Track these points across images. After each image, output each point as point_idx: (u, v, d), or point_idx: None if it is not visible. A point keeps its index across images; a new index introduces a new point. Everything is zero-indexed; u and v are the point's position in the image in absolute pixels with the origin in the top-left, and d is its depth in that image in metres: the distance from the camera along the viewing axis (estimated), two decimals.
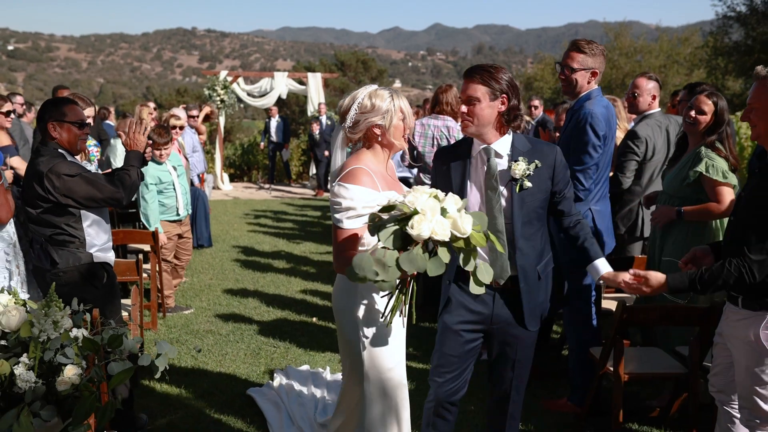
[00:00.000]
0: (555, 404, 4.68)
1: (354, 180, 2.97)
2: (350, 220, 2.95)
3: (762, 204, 2.89)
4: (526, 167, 3.13)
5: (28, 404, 2.82)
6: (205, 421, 4.42)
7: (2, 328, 2.94)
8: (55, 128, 3.88)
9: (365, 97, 3.04)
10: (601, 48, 4.41)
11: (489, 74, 3.11)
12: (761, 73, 2.97)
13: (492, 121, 3.14)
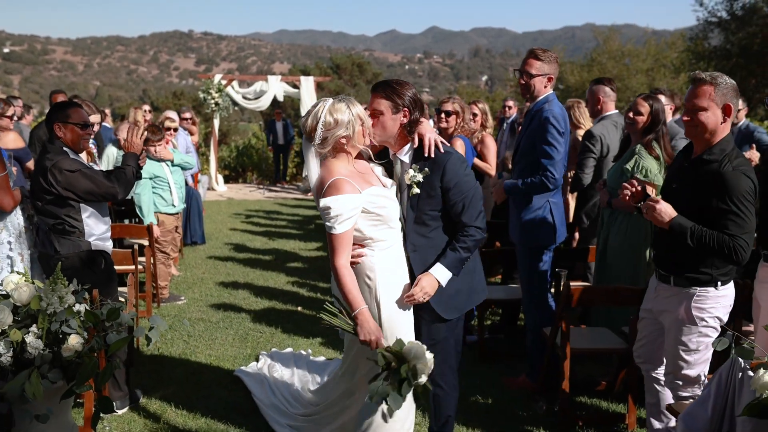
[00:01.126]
0: (514, 381, 5.13)
1: (337, 191, 3.35)
2: (341, 225, 3.36)
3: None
4: (413, 174, 3.53)
5: (37, 367, 3.25)
6: (195, 395, 4.85)
7: (14, 302, 3.36)
8: (60, 128, 4.32)
9: (327, 114, 3.37)
10: (556, 56, 4.90)
11: (392, 90, 3.52)
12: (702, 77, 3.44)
13: (395, 133, 3.56)
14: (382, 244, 3.50)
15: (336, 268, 3.38)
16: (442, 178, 3.52)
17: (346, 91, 48.19)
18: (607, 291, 4.49)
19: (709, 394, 3.07)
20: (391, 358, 3.26)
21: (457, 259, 3.53)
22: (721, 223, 3.35)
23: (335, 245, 3.38)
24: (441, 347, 3.66)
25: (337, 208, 3.32)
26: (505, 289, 6.29)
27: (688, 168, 3.58)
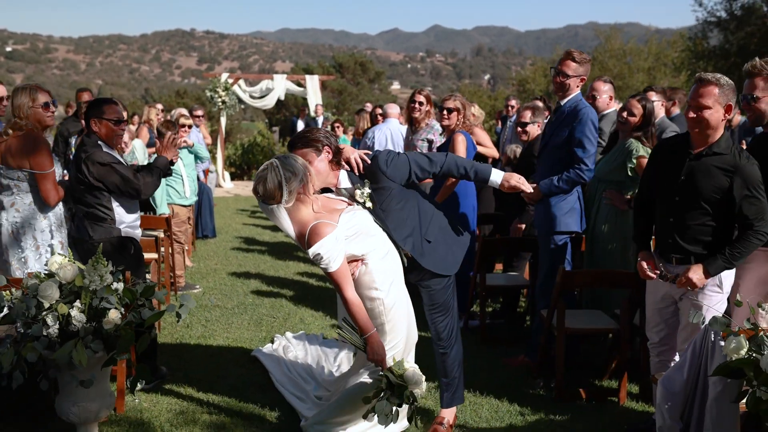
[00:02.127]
0: (514, 361, 5.48)
1: (319, 237, 3.66)
2: (335, 262, 3.69)
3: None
4: (361, 192, 3.94)
5: (81, 338, 3.60)
6: (215, 373, 5.20)
7: (60, 280, 3.70)
8: (95, 123, 4.68)
9: (283, 172, 3.59)
10: (589, 58, 5.28)
11: (307, 138, 3.93)
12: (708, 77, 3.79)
13: (328, 171, 3.95)
14: (374, 254, 3.87)
15: (345, 300, 3.74)
16: (383, 178, 3.93)
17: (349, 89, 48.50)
18: (597, 274, 4.84)
19: (685, 360, 3.42)
20: (395, 381, 3.65)
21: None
22: (743, 208, 3.73)
23: (338, 280, 3.72)
24: (442, 310, 4.16)
25: (326, 251, 3.64)
26: (506, 277, 6.65)
27: (694, 161, 3.89)
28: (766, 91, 4.04)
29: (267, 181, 3.60)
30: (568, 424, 4.48)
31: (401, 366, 3.66)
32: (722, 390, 3.19)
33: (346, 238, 3.75)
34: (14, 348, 3.61)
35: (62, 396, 3.84)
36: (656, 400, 3.58)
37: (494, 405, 4.74)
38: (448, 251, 4.15)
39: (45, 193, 4.79)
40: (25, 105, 4.80)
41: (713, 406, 3.24)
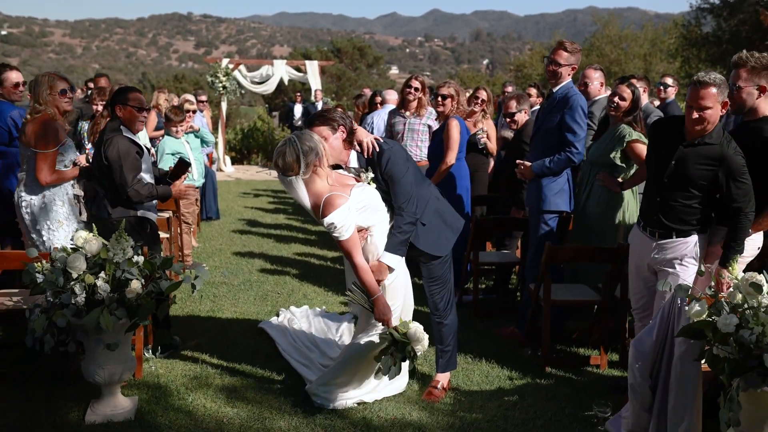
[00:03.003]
0: (504, 332, 5.85)
1: (333, 207, 4.04)
2: (347, 231, 4.09)
3: None
4: (365, 176, 4.33)
5: (107, 306, 3.96)
6: (225, 343, 5.57)
7: (86, 253, 4.05)
8: (120, 109, 5.03)
9: (301, 146, 3.98)
10: (579, 48, 5.64)
11: (324, 117, 4.30)
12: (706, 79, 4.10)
13: (341, 148, 4.33)
14: (379, 227, 4.27)
15: (355, 265, 4.14)
16: (382, 170, 4.29)
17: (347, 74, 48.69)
18: (578, 250, 5.22)
19: (655, 324, 3.79)
20: (399, 337, 4.10)
21: (398, 242, 4.27)
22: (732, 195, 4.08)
23: (349, 248, 4.11)
24: (440, 283, 4.52)
25: (339, 221, 4.02)
26: (498, 254, 7.02)
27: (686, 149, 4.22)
28: (748, 81, 4.32)
29: (286, 155, 3.98)
30: (553, 387, 4.86)
31: (406, 325, 4.11)
32: (686, 350, 3.55)
33: (356, 210, 4.12)
34: (45, 315, 3.98)
35: (89, 359, 4.21)
36: (629, 360, 3.94)
37: (485, 371, 5.12)
38: (441, 234, 4.51)
39: (37, 171, 5.14)
40: (44, 92, 5.16)
41: (678, 365, 3.61)
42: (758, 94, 4.31)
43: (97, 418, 4.20)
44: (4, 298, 4.97)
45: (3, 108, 5.78)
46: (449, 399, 4.65)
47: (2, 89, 5.92)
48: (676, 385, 3.63)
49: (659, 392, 3.79)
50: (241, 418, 4.32)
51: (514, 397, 4.70)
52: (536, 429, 4.27)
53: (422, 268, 4.58)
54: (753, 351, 3.15)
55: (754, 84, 4.30)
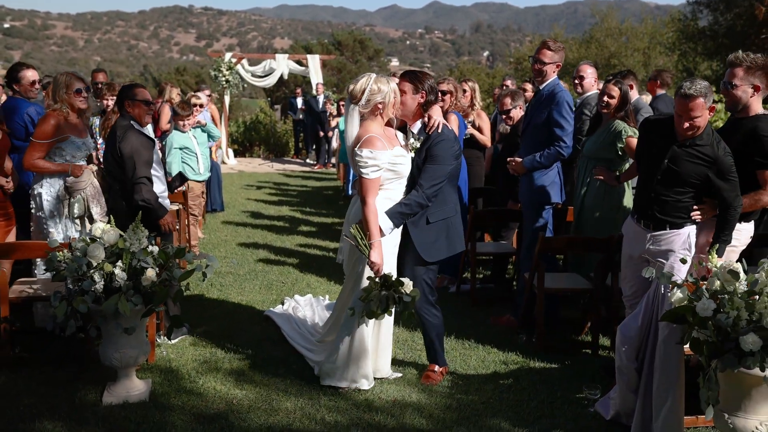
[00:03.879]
0: (500, 320, 6.09)
1: (371, 145, 4.39)
2: (374, 172, 4.39)
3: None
4: (413, 141, 4.66)
5: (124, 293, 4.19)
6: (232, 329, 5.82)
7: (104, 243, 4.28)
8: (129, 105, 5.27)
9: (372, 83, 4.43)
10: (563, 46, 5.86)
11: (415, 76, 4.66)
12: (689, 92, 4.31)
13: (412, 109, 4.65)
14: (393, 193, 4.54)
15: (367, 204, 4.40)
16: (428, 148, 4.57)
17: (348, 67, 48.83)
18: (571, 240, 5.47)
19: (640, 309, 4.04)
20: (386, 282, 4.34)
21: (398, 212, 4.51)
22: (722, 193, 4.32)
23: (368, 187, 4.40)
24: (419, 286, 4.66)
25: (369, 158, 4.35)
26: (495, 245, 7.25)
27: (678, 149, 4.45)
28: (743, 80, 4.53)
29: (358, 83, 4.49)
30: (546, 371, 5.10)
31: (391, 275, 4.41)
32: (669, 333, 3.79)
33: (387, 164, 4.42)
34: (67, 301, 4.22)
35: (106, 344, 4.45)
36: (616, 343, 4.18)
37: (481, 356, 5.36)
38: (438, 241, 4.70)
39: (24, 155, 5.40)
40: (60, 90, 5.40)
41: (661, 348, 3.85)
42: (752, 93, 4.54)
43: (114, 400, 4.44)
44: (24, 286, 5.21)
45: (20, 105, 6.02)
46: (447, 382, 4.89)
47: (19, 87, 6.16)
48: (660, 367, 3.87)
49: (644, 374, 4.03)
50: (249, 399, 4.56)
51: (508, 380, 4.94)
52: (530, 410, 4.50)
53: (406, 270, 4.72)
54: (730, 334, 3.38)
55: (749, 83, 4.52)
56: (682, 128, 4.31)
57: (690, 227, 4.53)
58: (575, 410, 4.50)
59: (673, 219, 4.50)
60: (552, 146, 5.54)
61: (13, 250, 5.02)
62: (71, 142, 5.49)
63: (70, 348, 5.18)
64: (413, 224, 4.64)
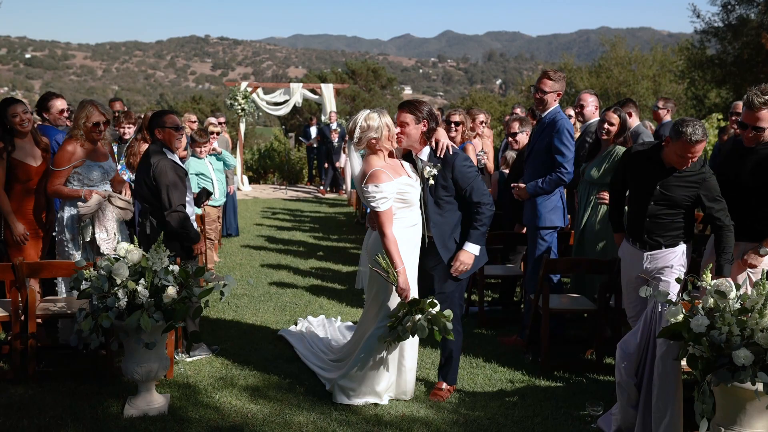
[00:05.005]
0: (507, 340, 6.26)
1: (376, 180, 4.59)
2: (384, 204, 4.58)
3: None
4: (430, 170, 4.80)
5: (146, 309, 4.40)
6: (247, 348, 6.01)
7: (128, 262, 4.51)
8: (159, 132, 5.53)
9: (362, 121, 4.63)
10: (564, 75, 6.08)
11: (414, 106, 4.83)
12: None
13: (417, 138, 4.83)
14: (404, 221, 4.71)
15: (386, 236, 4.60)
16: (452, 172, 4.79)
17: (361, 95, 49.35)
18: (576, 262, 5.65)
19: (639, 327, 4.20)
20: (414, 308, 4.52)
21: (479, 234, 4.83)
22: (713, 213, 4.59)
23: (382, 219, 4.59)
24: (449, 299, 4.88)
25: (378, 191, 4.55)
26: (503, 268, 7.43)
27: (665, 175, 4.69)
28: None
29: (351, 122, 4.71)
30: (551, 389, 5.26)
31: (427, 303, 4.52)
32: (666, 350, 3.95)
33: (394, 194, 4.60)
34: (91, 317, 4.44)
35: (128, 358, 4.65)
36: (616, 360, 4.34)
37: (488, 374, 5.52)
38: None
39: (47, 183, 5.67)
40: (81, 118, 5.66)
41: (659, 364, 4.01)
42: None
43: (135, 412, 4.64)
44: (50, 304, 5.44)
45: (49, 132, 6.28)
46: (454, 399, 5.06)
47: (49, 115, 6.45)
48: (659, 383, 4.03)
49: (644, 390, 4.19)
50: (263, 413, 4.74)
51: (514, 397, 5.09)
52: (534, 426, 4.65)
53: (435, 283, 4.97)
54: (724, 350, 3.54)
55: None
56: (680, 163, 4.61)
57: (684, 245, 4.79)
58: (578, 426, 4.65)
59: (667, 239, 4.77)
60: (554, 172, 5.75)
61: (41, 269, 5.27)
62: (87, 166, 5.69)
63: (93, 363, 5.39)
64: (443, 246, 4.87)
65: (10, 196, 5.70)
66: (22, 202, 5.75)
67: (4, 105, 5.72)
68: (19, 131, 5.71)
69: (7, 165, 5.66)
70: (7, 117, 5.67)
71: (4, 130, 5.73)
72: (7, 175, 5.67)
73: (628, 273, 5.02)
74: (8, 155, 5.66)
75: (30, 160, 5.74)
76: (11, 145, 5.69)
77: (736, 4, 20.50)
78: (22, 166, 5.69)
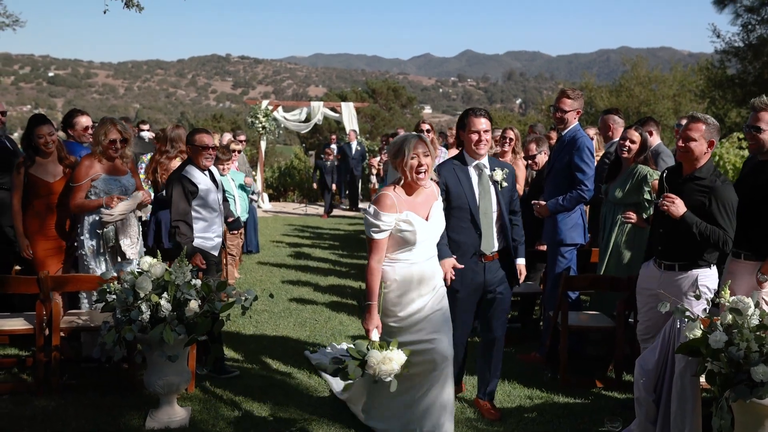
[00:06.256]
0: (527, 357, 6.27)
1: (380, 206, 4.29)
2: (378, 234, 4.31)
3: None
4: (501, 173, 4.91)
5: (169, 322, 4.48)
6: (268, 363, 6.07)
7: (151, 276, 4.59)
8: (189, 150, 5.66)
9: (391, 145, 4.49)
10: (582, 93, 6.13)
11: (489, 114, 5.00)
12: None
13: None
14: (401, 263, 4.40)
15: (368, 265, 4.37)
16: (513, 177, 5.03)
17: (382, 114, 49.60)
18: (594, 279, 5.66)
19: (657, 343, 4.21)
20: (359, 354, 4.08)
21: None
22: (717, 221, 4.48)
23: (372, 247, 4.40)
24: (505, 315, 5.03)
25: (374, 217, 4.31)
26: (523, 286, 7.40)
27: (682, 183, 4.69)
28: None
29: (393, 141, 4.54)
30: (569, 405, 5.26)
31: (383, 346, 4.10)
32: (685, 366, 3.97)
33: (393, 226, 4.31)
34: (115, 329, 4.52)
35: (150, 371, 4.72)
36: (635, 376, 4.35)
37: (507, 390, 5.54)
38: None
39: (69, 200, 5.76)
40: (100, 135, 5.79)
41: (678, 380, 4.02)
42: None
43: (156, 425, 4.70)
44: (73, 317, 5.54)
45: (74, 148, 6.41)
46: (472, 414, 5.08)
47: (74, 132, 6.58)
48: (677, 399, 4.04)
49: (662, 405, 4.20)
50: (284, 427, 4.78)
51: (533, 413, 5.11)
52: None
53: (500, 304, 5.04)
54: (742, 366, 3.55)
55: None
56: (677, 147, 4.63)
57: (699, 270, 4.62)
58: None
59: (682, 259, 4.64)
60: (574, 189, 5.78)
61: (65, 283, 5.38)
62: (104, 180, 5.78)
63: (115, 376, 5.47)
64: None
65: (30, 211, 5.83)
66: (44, 218, 5.87)
67: (33, 123, 5.87)
68: (43, 151, 5.85)
69: (24, 180, 5.80)
70: (33, 135, 5.82)
71: (29, 146, 5.88)
72: (25, 190, 5.81)
73: (641, 285, 4.98)
74: (26, 170, 5.81)
75: (48, 176, 5.86)
76: (31, 160, 5.83)
77: (756, 24, 20.48)
78: (38, 181, 5.81)
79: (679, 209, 4.50)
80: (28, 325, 5.36)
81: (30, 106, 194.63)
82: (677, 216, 4.51)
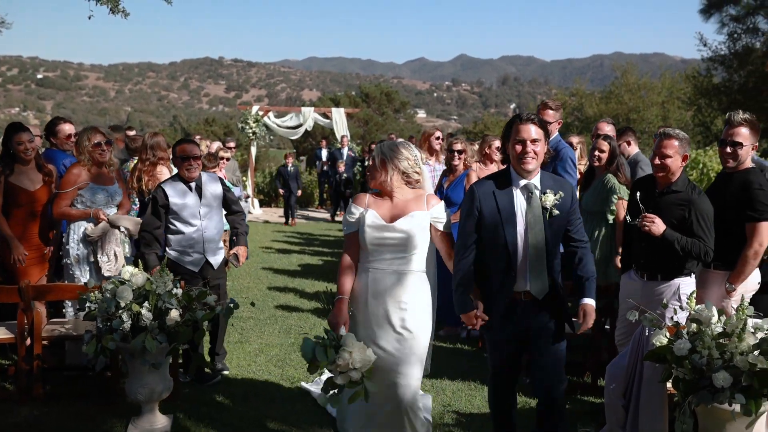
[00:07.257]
0: None
1: (355, 200, 4.37)
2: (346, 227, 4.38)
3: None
4: (554, 198, 3.94)
5: (150, 331, 4.56)
6: (252, 370, 6.16)
7: (132, 285, 4.67)
8: (174, 161, 5.75)
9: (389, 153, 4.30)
10: (561, 103, 6.26)
11: (541, 121, 4.02)
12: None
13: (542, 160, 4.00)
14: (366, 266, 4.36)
15: (342, 258, 4.43)
16: (571, 200, 4.07)
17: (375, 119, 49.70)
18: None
19: (627, 350, 4.31)
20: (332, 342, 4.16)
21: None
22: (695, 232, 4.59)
23: (345, 241, 4.46)
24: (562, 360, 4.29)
25: (347, 213, 4.36)
26: None
27: (659, 197, 4.80)
28: (748, 139, 4.81)
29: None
30: None
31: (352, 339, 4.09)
32: (652, 373, 4.07)
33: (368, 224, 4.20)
34: (97, 339, 4.60)
35: (132, 379, 4.80)
36: (605, 382, 4.46)
37: (485, 396, 5.62)
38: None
39: (53, 206, 5.88)
40: (83, 142, 5.88)
41: (646, 386, 4.13)
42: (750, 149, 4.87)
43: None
44: (56, 326, 5.61)
45: (56, 156, 6.49)
46: (450, 420, 5.18)
47: (56, 140, 6.67)
48: (645, 404, 4.14)
49: (631, 411, 4.30)
50: None
51: None
52: None
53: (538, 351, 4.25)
54: (705, 372, 3.66)
55: (751, 142, 4.84)
56: (653, 164, 4.73)
57: (680, 279, 4.75)
58: None
59: (663, 269, 4.76)
60: None
61: (47, 292, 5.45)
62: (91, 189, 5.87)
63: (98, 384, 5.55)
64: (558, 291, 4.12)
65: (11, 220, 5.86)
66: (26, 226, 5.91)
67: (12, 130, 5.90)
68: (22, 158, 5.89)
69: (4, 189, 5.83)
70: (12, 143, 5.85)
71: (6, 154, 5.92)
72: (5, 199, 5.84)
73: (624, 302, 5.08)
74: (5, 179, 5.83)
75: (27, 184, 5.88)
76: (9, 169, 5.86)
77: (741, 33, 20.70)
78: (18, 190, 5.83)
79: (659, 227, 4.62)
80: (9, 334, 5.43)
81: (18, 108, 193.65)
82: (658, 234, 4.62)
